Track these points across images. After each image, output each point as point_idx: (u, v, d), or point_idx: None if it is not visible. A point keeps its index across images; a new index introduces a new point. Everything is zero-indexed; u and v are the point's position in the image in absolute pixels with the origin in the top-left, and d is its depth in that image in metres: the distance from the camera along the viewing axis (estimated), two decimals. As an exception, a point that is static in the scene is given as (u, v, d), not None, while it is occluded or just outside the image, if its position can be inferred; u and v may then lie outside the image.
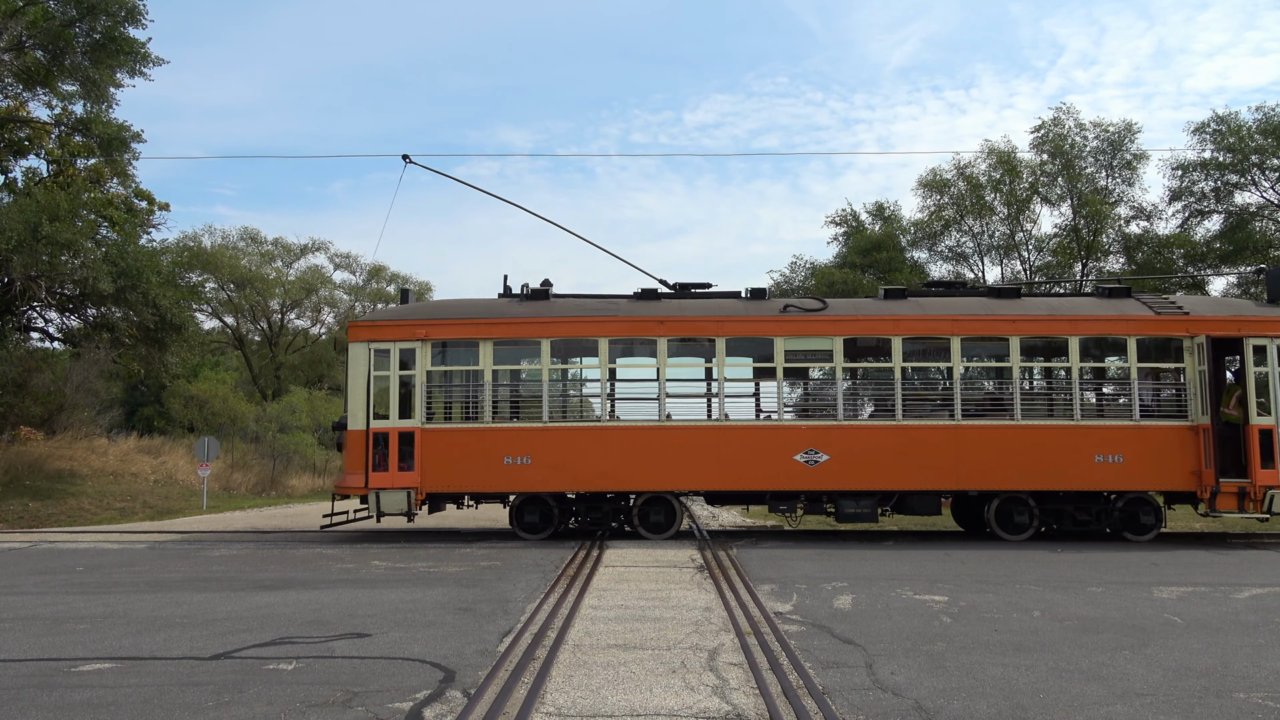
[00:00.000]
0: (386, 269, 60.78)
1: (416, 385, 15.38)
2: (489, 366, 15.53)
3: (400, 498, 15.07)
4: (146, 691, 5.90)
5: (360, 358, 15.53)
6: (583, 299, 16.61)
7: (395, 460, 15.20)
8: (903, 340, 15.50)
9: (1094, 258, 34.37)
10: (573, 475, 15.28)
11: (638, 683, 6.08)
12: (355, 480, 15.25)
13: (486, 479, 15.34)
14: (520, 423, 15.61)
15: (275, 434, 38.27)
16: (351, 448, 15.39)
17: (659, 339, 15.57)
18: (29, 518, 21.44)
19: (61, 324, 28.96)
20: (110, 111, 26.86)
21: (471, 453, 15.30)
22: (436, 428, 15.44)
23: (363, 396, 15.40)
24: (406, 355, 15.49)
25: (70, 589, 10.48)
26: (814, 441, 15.19)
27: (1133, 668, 6.56)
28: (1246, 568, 12.37)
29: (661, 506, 15.49)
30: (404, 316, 16.02)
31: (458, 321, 15.81)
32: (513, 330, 15.70)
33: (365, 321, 16.05)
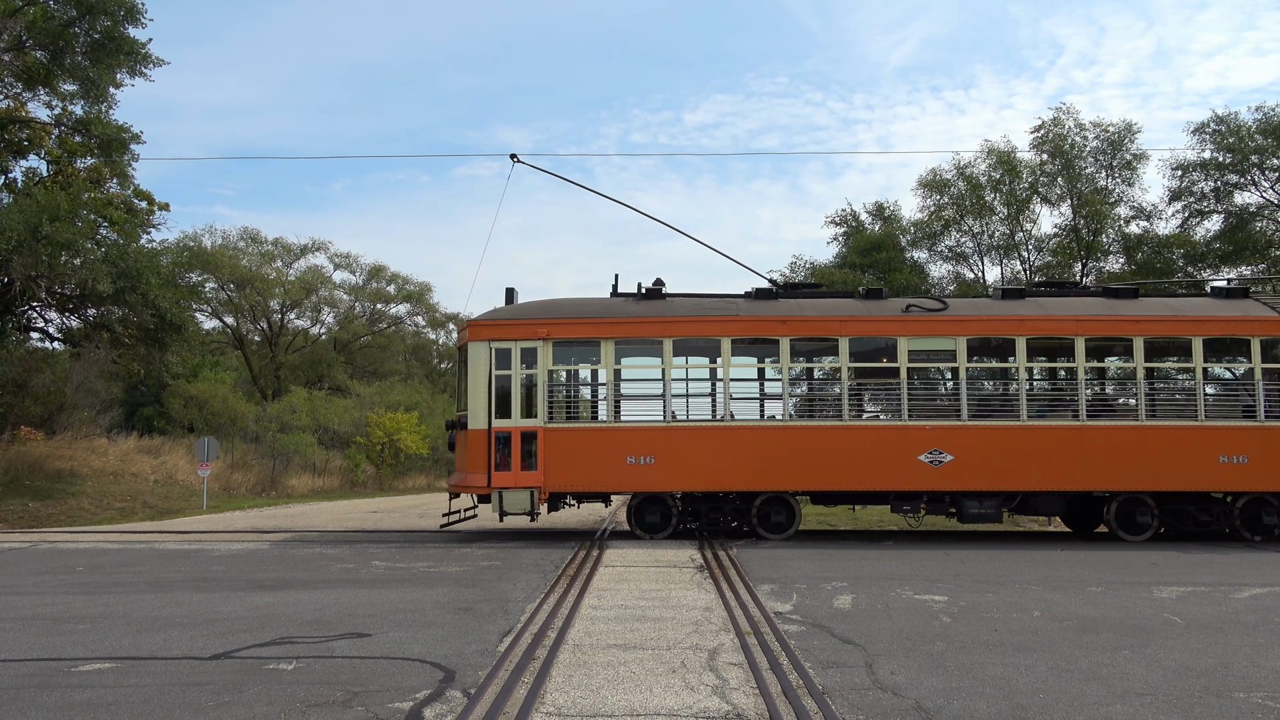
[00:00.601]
0: (386, 269, 60.85)
1: (539, 384, 15.40)
2: (610, 366, 15.56)
3: (524, 497, 15.10)
4: (146, 691, 5.91)
5: (481, 356, 15.51)
6: (699, 298, 16.68)
7: (518, 459, 15.22)
8: (1026, 340, 15.50)
9: (1094, 258, 34.36)
10: (696, 475, 15.26)
11: (638, 682, 6.08)
12: (477, 479, 15.25)
13: (609, 478, 15.35)
14: (643, 422, 15.59)
15: (275, 434, 38.26)
16: (472, 447, 15.33)
17: (781, 339, 15.57)
18: (29, 518, 21.44)
19: (61, 324, 28.97)
20: (110, 112, 26.85)
21: (594, 452, 15.32)
22: (559, 427, 15.42)
23: (484, 395, 15.38)
24: (528, 354, 15.51)
25: (70, 589, 10.48)
26: (938, 442, 15.20)
27: (1133, 667, 6.56)
28: (1246, 568, 12.37)
29: (782, 507, 15.48)
30: (524, 316, 15.94)
31: (579, 321, 15.78)
32: (634, 330, 15.73)
33: (486, 320, 15.93)
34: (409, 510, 25.45)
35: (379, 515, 23.07)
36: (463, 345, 16.26)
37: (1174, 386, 16.55)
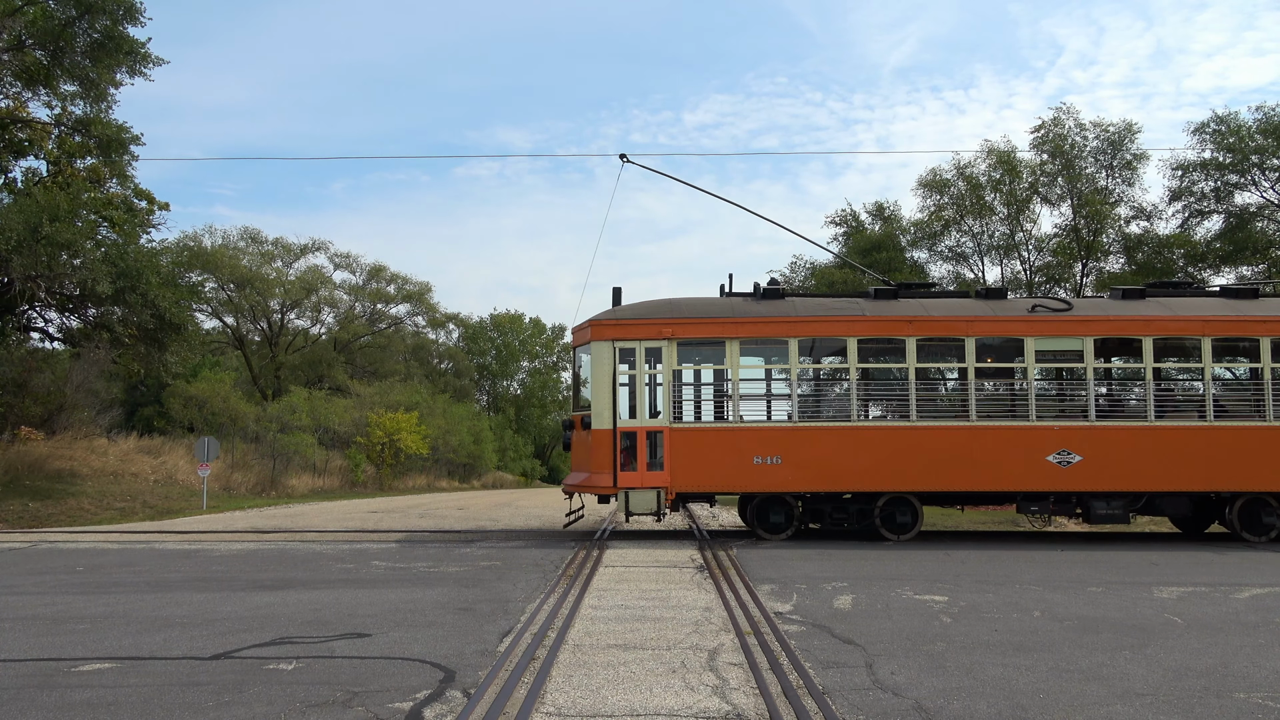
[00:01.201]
0: (386, 269, 61.02)
1: (664, 384, 15.41)
2: (736, 365, 15.55)
3: (650, 497, 15.07)
4: (146, 691, 5.90)
5: (605, 356, 15.49)
6: (819, 298, 16.67)
7: (644, 460, 15.21)
8: (1153, 341, 15.49)
9: (1094, 258, 34.37)
10: (822, 475, 15.23)
11: (638, 683, 6.08)
12: (602, 479, 15.24)
13: (736, 478, 15.34)
14: (769, 422, 15.59)
15: (275, 434, 38.27)
16: (596, 447, 15.33)
17: (908, 339, 15.54)
18: (29, 518, 21.43)
19: (61, 324, 28.97)
20: (110, 112, 26.86)
21: (721, 452, 15.28)
22: (685, 427, 15.42)
23: (608, 395, 15.37)
24: (653, 354, 15.51)
25: (70, 589, 10.48)
26: (1066, 442, 15.17)
27: (1133, 668, 6.56)
28: (1246, 568, 12.37)
29: (906, 507, 15.47)
30: (647, 315, 15.92)
31: (704, 321, 15.75)
32: (759, 329, 15.71)
33: (610, 320, 15.87)
34: (409, 510, 25.46)
35: (379, 515, 23.07)
36: (581, 344, 16.28)
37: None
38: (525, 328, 78.76)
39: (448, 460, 52.32)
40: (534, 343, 78.92)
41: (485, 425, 60.56)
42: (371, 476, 42.79)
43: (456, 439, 52.28)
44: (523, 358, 78.78)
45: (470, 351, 74.51)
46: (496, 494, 42.67)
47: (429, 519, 21.71)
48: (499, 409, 74.13)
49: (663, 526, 19.01)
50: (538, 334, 79.31)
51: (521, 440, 71.04)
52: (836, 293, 16.62)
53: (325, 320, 58.30)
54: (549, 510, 25.21)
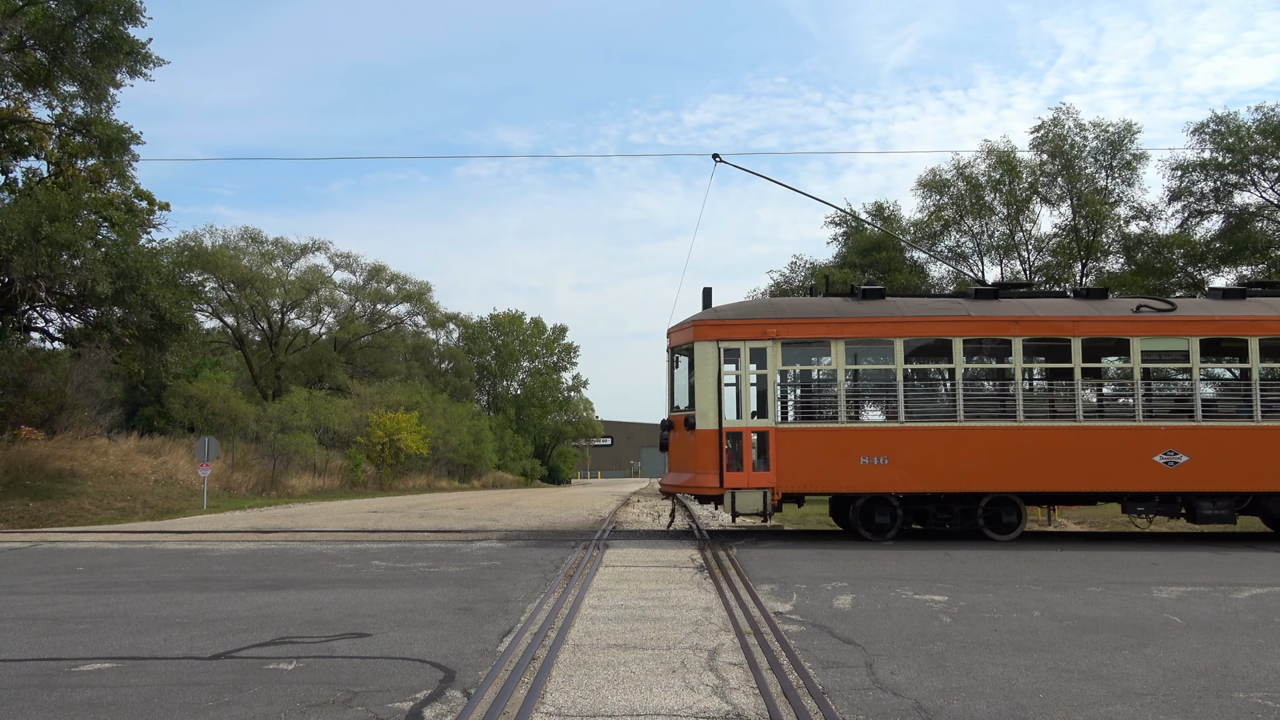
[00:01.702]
0: (386, 269, 61.04)
1: (769, 384, 15.43)
2: (842, 366, 15.57)
3: (756, 498, 15.10)
4: (147, 691, 5.91)
5: (708, 356, 15.52)
6: (921, 299, 16.72)
7: (750, 460, 15.23)
8: (1259, 341, 15.51)
9: (1094, 258, 34.36)
10: (928, 475, 15.27)
11: (638, 683, 6.08)
12: (708, 480, 15.25)
13: (842, 479, 15.35)
14: (876, 422, 15.62)
15: (275, 434, 38.27)
16: (700, 447, 15.36)
17: (1014, 339, 15.57)
18: (29, 518, 21.43)
19: (61, 324, 28.97)
20: (110, 112, 26.86)
21: (827, 452, 15.32)
22: (791, 427, 15.44)
23: (713, 395, 15.40)
24: (757, 354, 15.55)
25: (70, 589, 10.49)
26: (1172, 442, 15.22)
27: (1133, 668, 6.56)
28: (1246, 568, 12.37)
29: (1011, 508, 15.49)
30: (750, 315, 15.99)
31: (809, 321, 15.82)
32: (865, 330, 15.77)
33: (714, 320, 15.93)
34: (409, 510, 25.46)
35: (379, 515, 23.07)
36: (682, 345, 16.31)
37: None
38: (525, 328, 78.74)
39: (448, 460, 52.32)
40: (534, 343, 78.89)
41: (485, 425, 60.55)
42: (371, 476, 42.79)
43: (456, 439, 52.28)
44: (523, 358, 78.75)
45: (470, 351, 74.49)
46: (496, 494, 42.67)
47: (429, 519, 21.71)
48: (499, 409, 74.11)
49: (662, 526, 19.02)
50: (538, 334, 79.28)
51: (521, 440, 71.01)
52: (939, 294, 16.61)
53: (325, 320, 58.34)
54: (549, 510, 25.22)
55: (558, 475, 79.91)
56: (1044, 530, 18.43)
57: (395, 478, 44.74)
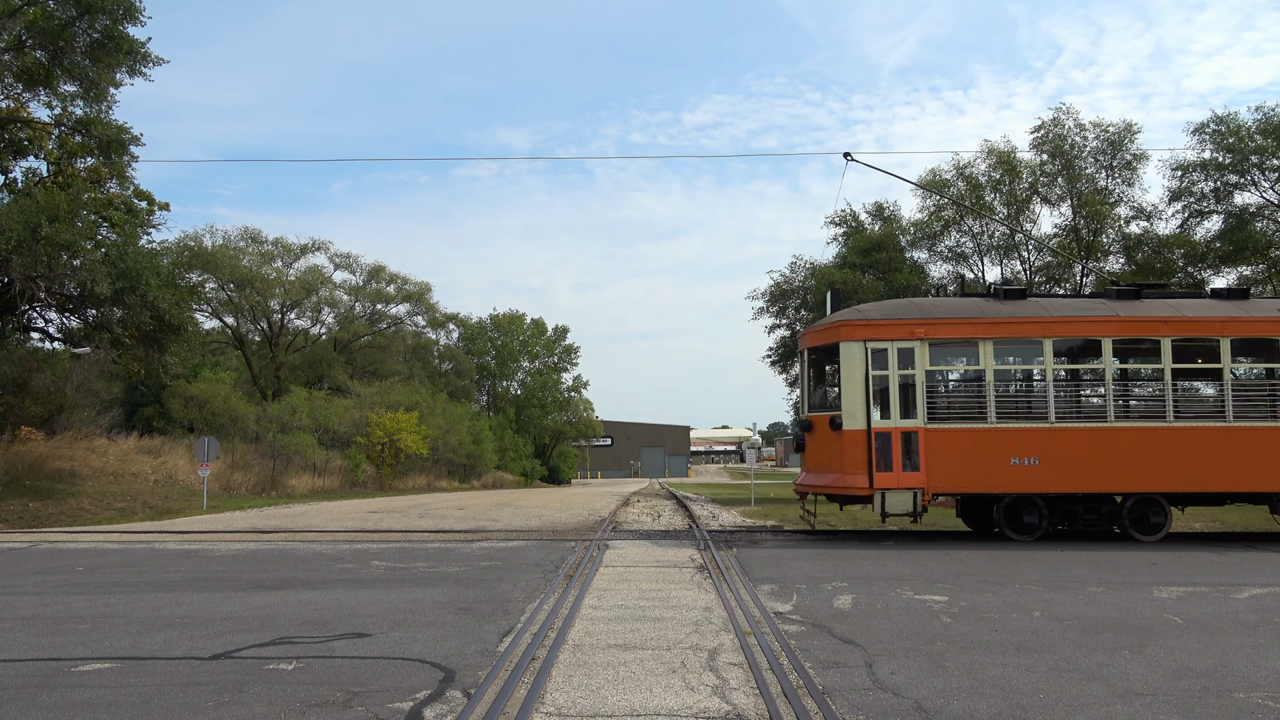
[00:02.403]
0: (386, 269, 60.98)
1: (917, 384, 15.44)
2: (990, 365, 15.55)
3: (906, 498, 15.11)
4: (147, 691, 5.91)
5: (856, 356, 15.54)
6: (1064, 299, 16.67)
7: (899, 460, 15.23)
8: None
9: (1094, 258, 34.36)
10: (1078, 476, 15.23)
11: (638, 683, 6.08)
12: (857, 480, 15.26)
13: (992, 479, 15.33)
14: (1026, 423, 15.56)
15: (275, 434, 38.25)
16: (848, 447, 15.37)
17: (1163, 339, 15.56)
18: (29, 518, 21.43)
19: (61, 324, 28.96)
20: (110, 112, 26.86)
21: (977, 453, 15.31)
22: (940, 427, 15.41)
23: (861, 396, 15.40)
24: (905, 354, 15.55)
25: (70, 589, 10.48)
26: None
27: (1133, 668, 6.56)
28: (1246, 568, 12.37)
29: (1157, 508, 15.48)
30: (895, 316, 16.02)
31: (956, 321, 15.83)
32: (1013, 330, 15.77)
33: (861, 321, 15.97)
34: (409, 510, 25.45)
35: (379, 515, 23.06)
36: (823, 345, 16.35)
37: None
38: (525, 328, 78.73)
39: (448, 460, 52.30)
40: (534, 343, 78.88)
41: (485, 425, 60.52)
42: (371, 476, 42.78)
43: (456, 439, 52.26)
44: (523, 358, 78.74)
45: (470, 352, 74.47)
46: (496, 494, 42.66)
47: (429, 519, 21.70)
48: (499, 409, 74.08)
49: (662, 526, 19.01)
50: (538, 334, 79.28)
51: (521, 440, 70.98)
52: (1081, 295, 16.57)
53: (325, 320, 58.29)
54: (549, 510, 25.21)
55: (558, 475, 79.88)
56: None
57: (395, 478, 44.73)
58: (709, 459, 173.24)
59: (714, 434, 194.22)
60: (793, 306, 39.38)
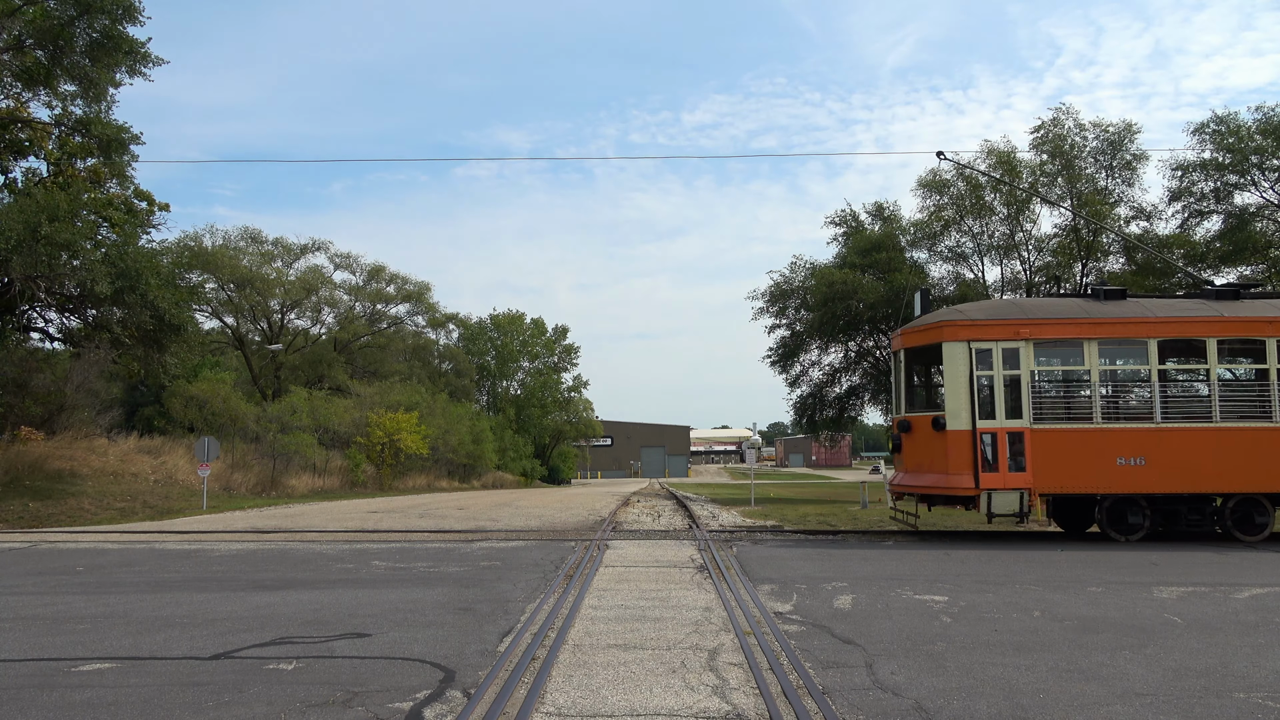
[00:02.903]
0: (386, 269, 60.97)
1: (1022, 385, 15.47)
2: (1095, 366, 15.62)
3: (1013, 498, 15.16)
4: (147, 691, 5.91)
5: (960, 357, 15.59)
6: (1165, 299, 16.73)
7: (1005, 461, 15.26)
8: None
9: (1094, 258, 34.37)
10: (1183, 476, 15.27)
11: (638, 683, 6.08)
12: (962, 481, 15.29)
13: (1098, 479, 15.37)
14: (1132, 423, 15.59)
15: (275, 434, 38.25)
16: (954, 448, 15.42)
17: (1268, 339, 15.58)
18: (29, 518, 21.43)
19: (61, 324, 28.96)
20: (110, 112, 26.86)
21: (1083, 453, 15.33)
22: (1047, 428, 15.43)
23: (966, 396, 15.45)
24: (1009, 355, 15.60)
25: (70, 589, 10.48)
26: None
27: (1133, 668, 6.56)
28: (1246, 568, 12.37)
29: (1262, 508, 15.50)
30: (1001, 316, 16.11)
31: (1060, 321, 15.86)
32: (1117, 330, 15.79)
33: (965, 321, 15.98)
34: (409, 510, 25.45)
35: (379, 515, 23.06)
36: (922, 346, 16.40)
37: None
38: (525, 328, 78.75)
39: (448, 460, 52.30)
40: (534, 343, 78.90)
41: (485, 425, 60.51)
42: (371, 476, 42.78)
43: (456, 439, 52.27)
44: (523, 358, 78.75)
45: (470, 352, 74.48)
46: (496, 494, 42.66)
47: (429, 519, 21.70)
48: (499, 409, 74.08)
49: (662, 526, 19.02)
50: (538, 334, 79.29)
51: (521, 440, 70.99)
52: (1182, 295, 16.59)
53: (325, 320, 58.27)
54: (549, 510, 25.21)
55: (558, 475, 79.87)
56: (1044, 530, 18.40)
57: (395, 478, 44.73)
58: (709, 459, 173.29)
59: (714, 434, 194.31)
60: (793, 306, 39.39)
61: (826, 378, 40.63)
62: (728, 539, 16.10)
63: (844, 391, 40.84)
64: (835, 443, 50.10)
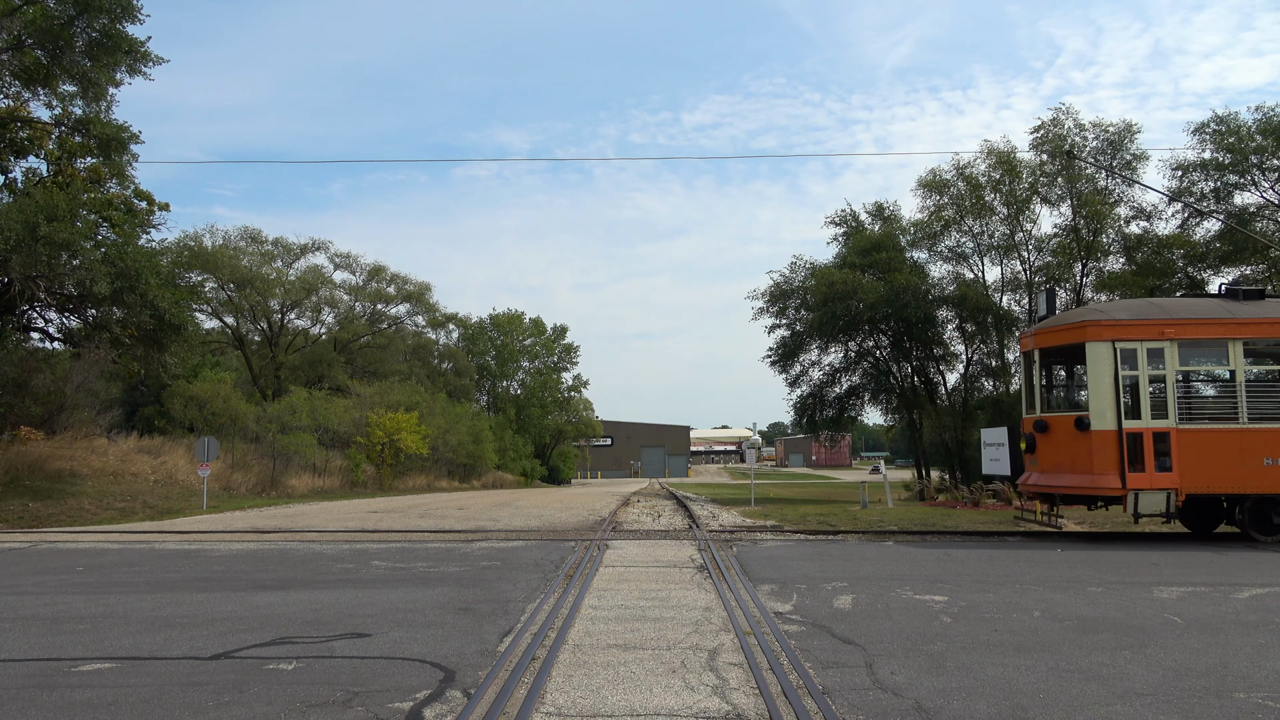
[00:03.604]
0: (386, 269, 61.02)
1: (1168, 385, 15.51)
2: (1240, 366, 15.63)
3: (1160, 498, 15.20)
4: (146, 691, 5.90)
5: (1104, 357, 15.62)
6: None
7: (1151, 460, 15.29)
8: None
9: (1094, 258, 34.37)
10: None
11: (638, 683, 6.08)
12: (1108, 481, 15.33)
13: (1244, 479, 15.38)
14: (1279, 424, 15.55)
15: (275, 434, 38.25)
16: (1098, 448, 15.46)
17: None
18: (29, 518, 21.43)
19: (61, 324, 28.97)
20: (109, 112, 26.88)
21: (1229, 453, 15.35)
22: (1192, 428, 15.45)
23: (1110, 396, 15.48)
24: (1154, 354, 15.67)
25: (70, 589, 10.48)
26: None
27: (1133, 668, 6.56)
28: (1246, 568, 12.37)
29: None
30: (1144, 316, 16.15)
31: (1204, 322, 15.89)
32: (1263, 331, 15.81)
33: (1109, 321, 16.05)
34: (409, 510, 25.45)
35: (379, 515, 23.06)
36: (1061, 346, 16.44)
37: None
38: (525, 328, 78.77)
39: (448, 460, 52.31)
40: (534, 343, 78.93)
41: (485, 425, 60.53)
42: (371, 476, 42.78)
43: (456, 439, 52.28)
44: (522, 358, 78.77)
45: (470, 351, 74.50)
46: (496, 494, 42.67)
47: (429, 519, 21.70)
48: (499, 409, 74.10)
49: (662, 526, 19.02)
50: (538, 334, 79.31)
51: (521, 440, 71.01)
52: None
53: (325, 320, 58.28)
54: (549, 510, 25.21)
55: (558, 475, 79.87)
56: (1044, 531, 18.41)
57: (395, 478, 44.74)
58: (709, 459, 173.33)
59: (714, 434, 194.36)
60: (793, 306, 39.41)
61: (826, 378, 40.65)
62: (728, 539, 16.10)
63: (844, 391, 40.87)
64: (835, 443, 50.11)
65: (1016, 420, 28.89)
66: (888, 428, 51.17)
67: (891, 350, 38.84)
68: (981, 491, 26.79)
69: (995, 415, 33.33)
